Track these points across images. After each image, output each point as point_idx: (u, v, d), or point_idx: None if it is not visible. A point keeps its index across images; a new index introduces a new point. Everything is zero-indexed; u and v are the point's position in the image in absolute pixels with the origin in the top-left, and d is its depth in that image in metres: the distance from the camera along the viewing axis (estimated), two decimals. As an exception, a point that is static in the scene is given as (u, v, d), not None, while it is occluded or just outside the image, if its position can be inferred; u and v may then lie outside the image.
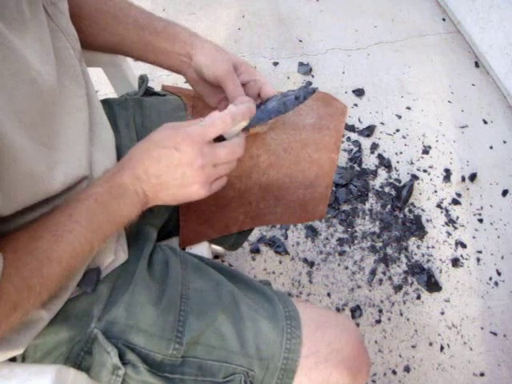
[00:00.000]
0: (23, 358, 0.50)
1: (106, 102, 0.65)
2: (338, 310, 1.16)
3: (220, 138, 0.50)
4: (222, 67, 0.57)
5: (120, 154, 0.62)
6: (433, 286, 1.19)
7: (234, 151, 0.50)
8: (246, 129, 0.58)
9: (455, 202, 1.34)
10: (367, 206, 1.32)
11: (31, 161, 0.39)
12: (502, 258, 1.25)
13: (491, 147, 1.46)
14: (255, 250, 1.23)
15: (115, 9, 0.59)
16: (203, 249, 0.74)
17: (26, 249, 0.40)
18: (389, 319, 1.15)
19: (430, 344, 1.12)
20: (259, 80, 0.60)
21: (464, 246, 1.26)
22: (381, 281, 1.20)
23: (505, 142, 1.47)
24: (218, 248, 1.10)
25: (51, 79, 0.42)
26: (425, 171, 1.40)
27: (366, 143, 1.45)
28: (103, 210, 0.44)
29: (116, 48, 0.62)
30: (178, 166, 0.47)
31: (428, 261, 1.24)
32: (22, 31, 0.39)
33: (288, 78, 1.61)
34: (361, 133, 1.47)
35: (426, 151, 1.44)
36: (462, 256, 1.25)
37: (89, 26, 0.54)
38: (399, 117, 1.52)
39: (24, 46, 0.38)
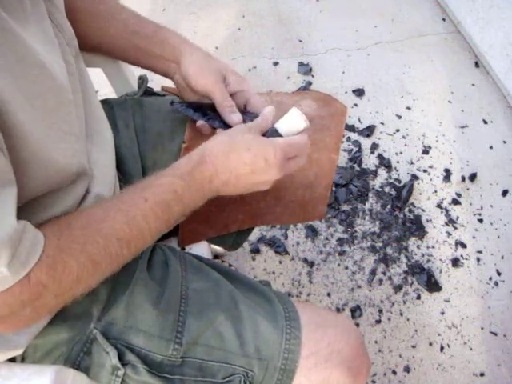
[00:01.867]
0: (23, 358, 0.50)
1: (106, 102, 0.65)
2: (338, 310, 1.16)
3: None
4: (209, 78, 0.57)
5: (119, 153, 0.62)
6: (433, 285, 1.19)
7: (303, 161, 0.53)
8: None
9: (455, 201, 1.34)
10: (367, 205, 1.32)
11: (43, 145, 0.39)
12: (502, 258, 1.25)
13: (491, 147, 1.46)
14: (255, 250, 1.23)
15: (106, 12, 0.59)
16: (203, 249, 0.74)
17: (96, 226, 0.41)
18: (389, 319, 1.15)
19: (430, 344, 1.12)
20: (247, 91, 0.60)
21: (464, 246, 1.26)
22: (381, 281, 1.20)
23: (505, 142, 1.47)
24: (217, 248, 1.10)
25: (60, 68, 0.43)
26: (425, 171, 1.40)
27: (365, 143, 1.45)
28: (179, 203, 0.46)
29: (108, 51, 0.62)
30: (260, 175, 0.50)
31: (428, 261, 1.24)
32: (24, 23, 0.39)
33: (288, 78, 1.61)
34: (361, 133, 1.47)
35: (426, 151, 1.44)
36: (461, 256, 1.25)
37: (80, 29, 0.54)
38: (399, 117, 1.52)
39: (29, 36, 0.39)
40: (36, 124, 0.38)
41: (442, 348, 1.11)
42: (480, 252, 1.26)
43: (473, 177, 1.38)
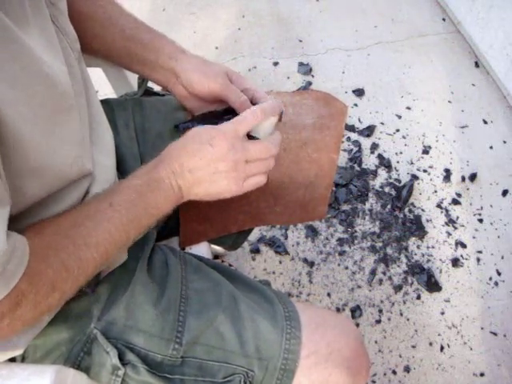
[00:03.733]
0: (23, 358, 0.50)
1: (106, 102, 0.65)
2: (338, 310, 1.16)
3: (254, 139, 0.52)
4: (216, 80, 0.57)
5: (119, 153, 0.62)
6: (433, 285, 1.19)
7: (266, 147, 0.51)
8: None
9: (455, 201, 1.34)
10: (367, 205, 1.32)
11: (45, 155, 0.39)
12: (502, 258, 1.25)
13: (491, 147, 1.46)
14: (255, 250, 1.23)
15: (104, 17, 0.59)
16: (203, 249, 0.74)
17: (66, 233, 0.42)
18: (389, 319, 1.15)
19: (430, 344, 1.12)
20: (250, 88, 0.60)
21: (464, 246, 1.26)
22: (381, 281, 1.20)
23: (505, 142, 1.47)
24: (217, 248, 1.10)
25: (63, 75, 0.42)
26: (425, 171, 1.40)
27: (365, 143, 1.45)
28: (141, 202, 0.46)
29: (105, 56, 0.62)
30: (211, 160, 0.48)
31: (428, 261, 1.24)
32: (26, 27, 0.39)
33: (288, 78, 1.61)
34: (361, 133, 1.47)
35: (426, 151, 1.44)
36: (461, 256, 1.25)
37: (78, 32, 0.54)
38: (399, 117, 1.52)
39: (32, 42, 0.38)
40: (37, 133, 0.38)
41: (442, 348, 1.11)
42: (480, 252, 1.26)
43: (473, 177, 1.38)
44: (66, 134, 0.43)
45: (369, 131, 1.46)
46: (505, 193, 1.36)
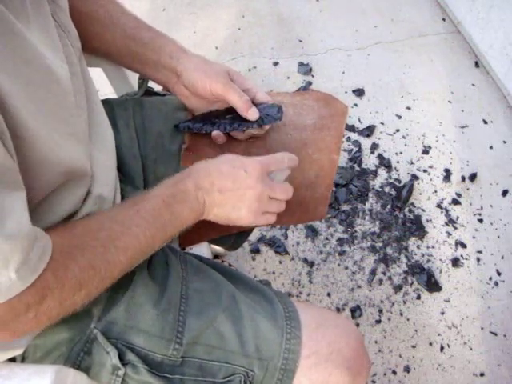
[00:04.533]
0: (23, 358, 0.50)
1: (106, 102, 0.65)
2: (338, 310, 1.16)
3: None
4: (218, 80, 0.57)
5: (119, 153, 0.62)
6: (433, 285, 1.19)
7: (286, 191, 0.54)
8: (241, 129, 0.59)
9: (455, 201, 1.34)
10: (367, 205, 1.32)
11: (50, 148, 0.39)
12: (502, 258, 1.25)
13: (491, 147, 1.46)
14: (255, 250, 1.23)
15: (105, 17, 0.59)
16: (203, 249, 0.74)
17: (94, 235, 0.43)
18: (389, 319, 1.15)
19: (430, 344, 1.12)
20: (251, 89, 0.60)
21: (464, 246, 1.26)
22: (381, 281, 1.20)
23: (505, 142, 1.47)
24: (218, 248, 1.10)
25: (64, 72, 0.42)
26: (425, 171, 1.40)
27: (365, 143, 1.45)
28: (167, 211, 0.47)
29: (106, 55, 0.62)
30: (242, 186, 0.50)
31: (428, 261, 1.24)
32: (26, 23, 0.39)
33: (288, 77, 1.61)
34: (361, 133, 1.47)
35: (426, 151, 1.44)
36: (461, 256, 1.25)
37: (79, 31, 0.54)
38: (399, 117, 1.52)
39: (34, 38, 0.38)
40: (42, 126, 0.38)
41: (442, 348, 1.11)
42: (480, 252, 1.26)
43: (473, 177, 1.38)
44: (69, 129, 0.43)
45: (369, 131, 1.47)
46: (505, 193, 1.36)
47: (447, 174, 1.39)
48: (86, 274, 0.41)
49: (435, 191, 1.36)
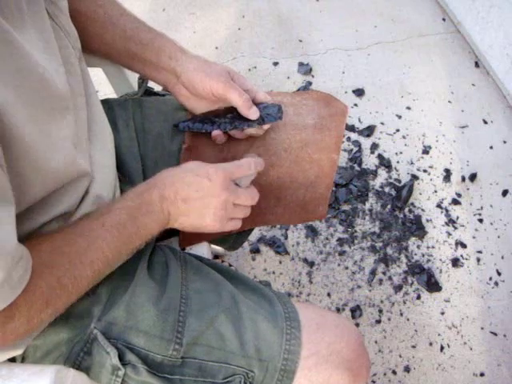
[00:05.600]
0: (23, 358, 0.50)
1: (106, 102, 0.65)
2: (338, 310, 1.16)
3: None
4: (219, 80, 0.57)
5: (119, 153, 0.62)
6: (433, 285, 1.19)
7: (252, 197, 0.54)
8: (241, 128, 0.59)
9: (455, 201, 1.34)
10: (367, 205, 1.32)
11: (42, 155, 0.39)
12: (502, 258, 1.25)
13: (491, 147, 1.46)
14: (255, 250, 1.23)
15: (104, 17, 0.58)
16: (203, 249, 0.74)
17: (61, 251, 0.42)
18: (389, 319, 1.15)
19: (430, 344, 1.12)
20: (251, 89, 0.60)
21: (464, 246, 1.26)
22: (381, 281, 1.20)
23: (505, 142, 1.47)
24: (218, 248, 1.10)
25: (59, 76, 0.42)
26: (425, 171, 1.40)
27: (366, 143, 1.45)
28: (132, 224, 0.47)
29: (106, 56, 0.62)
30: (207, 194, 0.50)
31: (428, 261, 1.24)
32: (23, 29, 0.39)
33: (288, 77, 1.61)
34: (361, 133, 1.47)
35: (426, 151, 1.44)
36: (462, 256, 1.25)
37: (78, 32, 0.54)
38: (399, 117, 1.52)
39: (28, 44, 0.38)
40: (34, 133, 0.38)
41: (442, 348, 1.11)
42: (480, 252, 1.26)
43: (473, 177, 1.38)
44: (62, 135, 0.43)
45: (369, 131, 1.46)
46: (505, 193, 1.36)
47: (447, 174, 1.39)
48: (54, 292, 0.40)
49: (435, 191, 1.36)
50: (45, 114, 0.40)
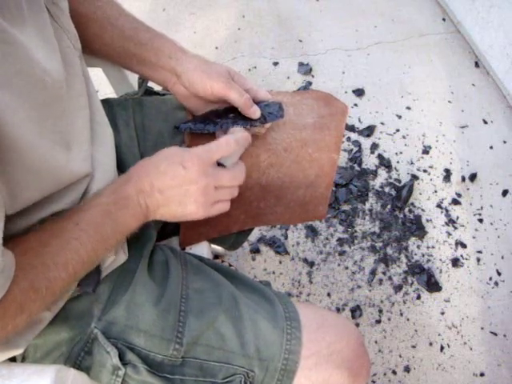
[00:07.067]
0: (23, 358, 0.50)
1: (106, 102, 0.65)
2: (338, 310, 1.16)
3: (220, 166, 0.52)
4: (219, 80, 0.57)
5: (119, 153, 0.62)
6: (433, 285, 1.19)
7: (235, 176, 0.52)
8: (245, 127, 0.59)
9: (455, 201, 1.34)
10: (367, 205, 1.32)
11: (40, 158, 0.39)
12: (502, 258, 1.25)
13: (491, 147, 1.46)
14: (255, 250, 1.23)
15: (103, 17, 0.58)
16: (203, 249, 0.74)
17: (34, 252, 0.41)
18: (389, 319, 1.15)
19: (430, 344, 1.12)
20: (251, 89, 0.60)
21: (464, 246, 1.26)
22: (381, 281, 1.20)
23: (505, 142, 1.47)
24: (218, 248, 1.10)
25: (59, 76, 0.42)
26: (425, 171, 1.40)
27: (366, 143, 1.45)
28: (108, 220, 0.45)
29: (105, 56, 0.62)
30: (183, 182, 0.48)
31: (428, 261, 1.24)
32: (23, 29, 0.39)
33: (288, 77, 1.61)
34: (361, 133, 1.47)
35: (426, 151, 1.44)
36: (462, 256, 1.25)
37: (78, 33, 0.54)
38: (399, 117, 1.52)
39: (28, 44, 0.38)
40: (32, 135, 0.38)
41: (442, 348, 1.11)
42: (480, 252, 1.26)
43: (473, 177, 1.38)
44: (60, 138, 0.42)
45: (369, 131, 1.46)
46: (505, 193, 1.36)
47: (447, 174, 1.39)
48: (28, 296, 0.39)
49: (435, 191, 1.36)
50: (42, 115, 0.39)
